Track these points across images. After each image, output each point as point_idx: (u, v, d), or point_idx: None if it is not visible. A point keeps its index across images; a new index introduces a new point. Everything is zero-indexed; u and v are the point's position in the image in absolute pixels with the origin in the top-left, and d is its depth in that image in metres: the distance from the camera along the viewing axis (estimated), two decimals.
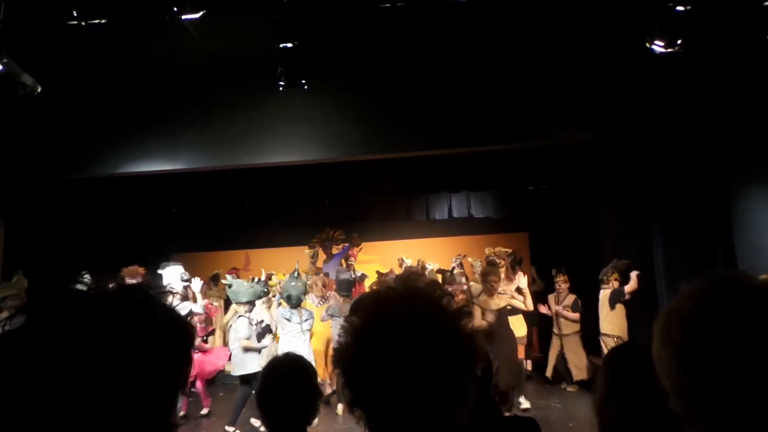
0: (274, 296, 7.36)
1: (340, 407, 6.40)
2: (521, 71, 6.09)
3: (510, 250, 8.09)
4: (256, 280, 6.93)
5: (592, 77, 5.98)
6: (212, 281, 8.74)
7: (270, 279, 8.27)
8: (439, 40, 5.65)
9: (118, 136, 6.42)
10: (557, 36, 5.54)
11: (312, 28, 4.88)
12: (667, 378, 0.77)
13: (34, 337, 0.68)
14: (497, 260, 7.52)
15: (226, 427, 5.90)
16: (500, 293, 6.28)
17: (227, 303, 8.04)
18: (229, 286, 6.51)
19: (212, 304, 7.84)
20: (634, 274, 6.65)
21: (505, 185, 9.54)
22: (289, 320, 6.18)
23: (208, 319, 7.03)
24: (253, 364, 6.03)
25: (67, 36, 5.05)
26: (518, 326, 6.76)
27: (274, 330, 6.66)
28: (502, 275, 7.12)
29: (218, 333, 8.22)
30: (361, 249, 9.47)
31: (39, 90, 5.26)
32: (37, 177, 6.57)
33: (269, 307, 7.27)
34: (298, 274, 6.45)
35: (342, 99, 6.36)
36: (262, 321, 6.69)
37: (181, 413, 6.51)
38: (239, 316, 6.38)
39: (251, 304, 6.44)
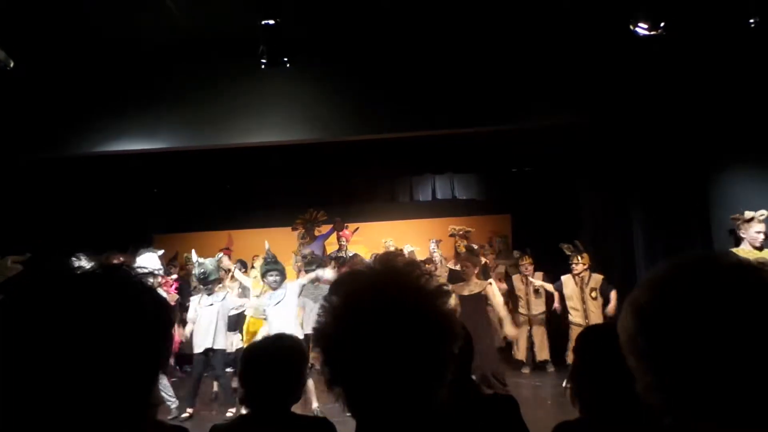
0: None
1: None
2: (506, 53, 6.05)
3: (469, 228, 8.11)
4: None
5: (576, 60, 5.97)
6: (171, 263, 8.60)
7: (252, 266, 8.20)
8: (423, 20, 5.58)
9: (95, 115, 6.26)
10: (541, 18, 5.51)
11: (294, 5, 4.79)
12: (628, 349, 0.79)
13: (12, 314, 0.66)
14: (476, 246, 7.55)
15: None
16: (479, 281, 6.25)
17: None
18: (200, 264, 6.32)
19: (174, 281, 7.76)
20: (613, 294, 6.50)
21: (489, 167, 9.58)
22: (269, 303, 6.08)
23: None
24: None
25: (42, 10, 4.89)
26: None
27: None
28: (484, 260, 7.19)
29: None
30: (356, 230, 9.40)
31: (11, 65, 5.10)
32: (11, 156, 6.40)
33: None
34: (273, 257, 6.28)
35: (325, 78, 6.27)
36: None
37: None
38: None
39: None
